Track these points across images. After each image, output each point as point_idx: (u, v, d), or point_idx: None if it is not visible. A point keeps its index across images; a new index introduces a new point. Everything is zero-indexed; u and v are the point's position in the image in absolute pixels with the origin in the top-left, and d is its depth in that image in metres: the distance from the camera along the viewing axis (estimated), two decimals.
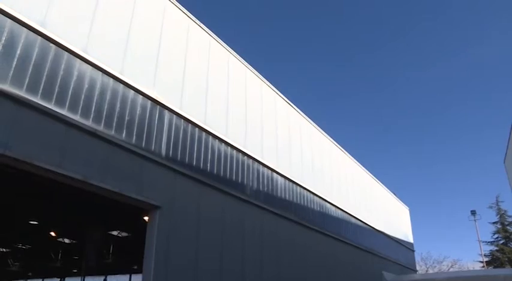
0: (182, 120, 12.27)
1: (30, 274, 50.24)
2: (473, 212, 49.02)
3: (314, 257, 17.83)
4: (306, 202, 18.55)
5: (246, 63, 16.21)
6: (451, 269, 51.64)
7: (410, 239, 35.87)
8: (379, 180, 30.18)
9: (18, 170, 9.07)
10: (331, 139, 23.08)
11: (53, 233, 24.17)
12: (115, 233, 22.51)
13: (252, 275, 13.60)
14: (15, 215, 19.71)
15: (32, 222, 20.77)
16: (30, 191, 14.97)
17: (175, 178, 11.49)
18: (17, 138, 8.09)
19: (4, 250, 32.73)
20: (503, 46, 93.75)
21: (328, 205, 20.71)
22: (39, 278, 53.11)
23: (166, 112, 11.77)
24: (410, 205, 42.11)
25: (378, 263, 25.98)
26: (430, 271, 51.59)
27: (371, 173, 28.84)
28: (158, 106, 11.53)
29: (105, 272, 43.45)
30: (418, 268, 39.55)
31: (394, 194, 33.52)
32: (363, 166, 27.57)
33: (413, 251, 36.29)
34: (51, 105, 8.78)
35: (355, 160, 26.26)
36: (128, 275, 42.26)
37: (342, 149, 24.41)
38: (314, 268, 17.65)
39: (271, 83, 17.69)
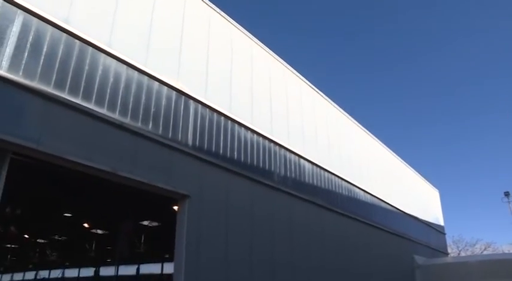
0: (207, 109, 12.35)
1: (67, 263, 51.68)
2: (506, 194, 47.89)
3: (344, 243, 17.80)
4: (334, 187, 18.50)
5: (270, 51, 16.15)
6: (485, 253, 50.86)
7: (441, 222, 35.42)
8: (407, 163, 29.82)
9: (50, 164, 9.32)
10: (357, 123, 22.87)
11: (86, 225, 24.75)
12: (146, 223, 22.87)
13: (283, 261, 13.68)
14: (50, 208, 20.23)
15: (66, 214, 21.28)
16: (62, 184, 15.33)
17: (203, 167, 11.60)
18: (47, 133, 8.30)
19: (42, 241, 33.76)
20: None
21: (357, 189, 20.59)
22: (75, 267, 54.53)
23: (191, 102, 11.86)
24: (441, 187, 41.57)
25: (409, 247, 25.77)
26: (463, 254, 50.92)
27: (399, 156, 28.52)
28: (183, 96, 11.62)
29: (138, 261, 44.33)
30: (449, 251, 39.10)
31: (423, 177, 33.09)
32: (391, 149, 27.26)
33: (444, 234, 35.85)
34: (78, 100, 8.96)
35: (382, 144, 25.98)
36: (159, 264, 42.96)
37: (369, 133, 24.16)
38: (344, 253, 17.62)
39: (295, 69, 17.60)
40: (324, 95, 19.60)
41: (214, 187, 11.81)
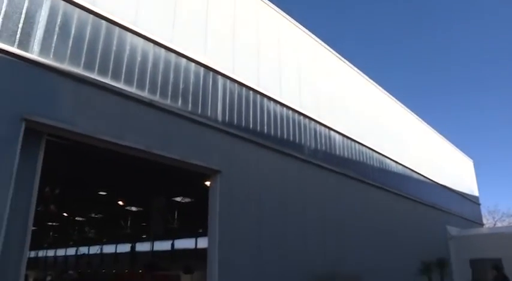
0: (236, 84, 12.34)
1: (104, 240, 53.26)
2: None
3: (375, 214, 17.74)
4: (365, 158, 18.36)
5: (297, 23, 15.91)
6: None
7: (475, 193, 34.78)
8: (440, 133, 29.25)
9: (84, 145, 9.54)
10: (389, 94, 22.46)
11: (121, 202, 25.35)
12: (178, 199, 23.25)
13: (314, 234, 13.76)
14: (85, 187, 20.77)
15: (101, 193, 21.83)
16: (96, 163, 15.68)
17: (233, 142, 11.67)
18: (80, 114, 8.48)
19: (80, 219, 34.84)
20: None
21: (388, 160, 20.39)
22: (112, 243, 56.16)
23: (219, 77, 11.87)
24: (475, 156, 40.68)
25: (442, 217, 25.47)
26: (499, 225, 50.00)
27: (432, 126, 27.96)
28: (211, 72, 11.63)
29: (172, 237, 45.29)
30: (484, 221, 38.41)
31: (457, 147, 32.44)
32: (423, 120, 26.73)
33: (478, 204, 35.24)
34: (107, 80, 9.09)
35: (414, 114, 25.49)
36: (193, 239, 43.78)
37: (400, 103, 23.72)
38: (375, 224, 17.57)
39: (322, 41, 17.32)
40: (352, 65, 19.28)
41: (245, 161, 11.89)
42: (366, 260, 15.71)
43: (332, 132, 16.32)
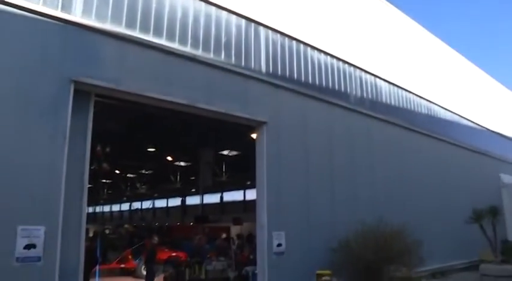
0: (278, 34, 12.09)
1: (156, 195, 55.23)
2: None
3: (424, 162, 17.36)
4: (412, 105, 17.86)
5: None
6: None
7: None
8: (493, 77, 27.85)
9: (130, 102, 9.69)
10: (438, 38, 21.46)
11: (169, 158, 25.98)
12: (225, 152, 23.58)
13: (362, 183, 13.69)
14: (135, 145, 21.33)
15: (150, 149, 22.36)
16: (143, 121, 15.99)
17: (278, 92, 11.57)
18: (124, 73, 8.58)
19: (132, 175, 36.10)
20: None
21: (436, 107, 19.73)
22: (163, 198, 58.18)
23: (261, 29, 11.64)
24: None
25: (494, 165, 24.61)
26: None
27: (483, 70, 26.63)
28: (252, 23, 11.41)
29: (221, 190, 46.34)
30: None
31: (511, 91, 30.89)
32: (474, 63, 25.47)
33: None
34: (149, 37, 9.09)
35: (465, 58, 24.30)
36: (242, 191, 44.65)
37: (449, 46, 22.65)
38: (424, 172, 17.25)
39: None
40: (398, 10, 18.44)
41: (290, 112, 11.81)
42: (414, 210, 15.55)
43: (378, 80, 15.88)
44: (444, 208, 17.71)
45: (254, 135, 11.48)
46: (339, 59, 13.98)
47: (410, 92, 17.70)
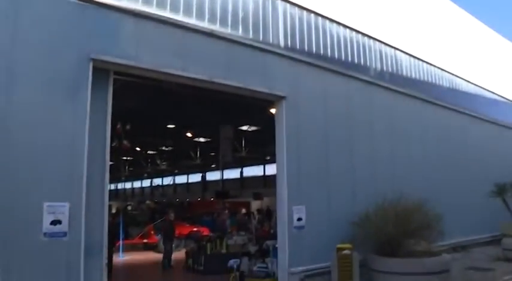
0: (296, 8, 11.90)
1: (176, 171, 55.94)
2: None
3: (445, 135, 17.12)
4: (433, 78, 17.54)
5: None
6: None
7: None
8: None
9: (149, 79, 9.72)
10: (460, 7, 20.86)
11: (189, 134, 26.17)
12: (245, 128, 23.64)
13: (382, 158, 13.60)
14: (155, 122, 21.52)
15: (169, 126, 22.52)
16: (162, 98, 16.07)
17: (297, 67, 11.46)
18: (142, 49, 8.56)
19: (152, 152, 36.52)
20: None
21: (459, 80, 19.33)
22: (184, 174, 58.94)
23: (279, 2, 11.46)
24: None
25: None
26: None
27: (508, 39, 25.83)
28: None
29: (241, 165, 46.72)
30: None
31: None
32: (498, 33, 24.71)
33: None
34: (166, 14, 9.03)
35: (487, 27, 23.59)
36: (261, 166, 44.96)
37: (471, 15, 22.02)
38: (446, 146, 17.03)
39: None
40: None
41: (310, 86, 11.71)
42: (435, 184, 15.42)
43: (398, 53, 15.60)
44: (466, 182, 17.52)
45: (273, 110, 11.45)
46: (358, 32, 13.75)
47: (431, 64, 17.37)
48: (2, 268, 6.53)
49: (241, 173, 49.89)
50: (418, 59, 16.62)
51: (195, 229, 21.55)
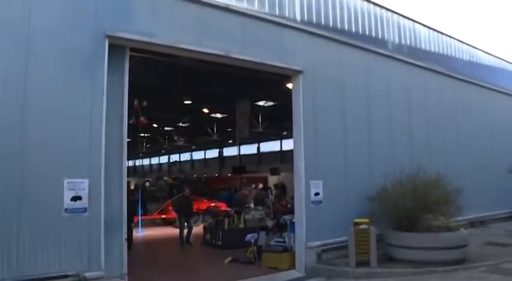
0: None
1: (193, 147, 56.28)
2: None
3: (464, 109, 16.77)
4: (453, 52, 17.15)
5: None
6: None
7: None
8: None
9: (165, 56, 9.70)
10: None
11: (206, 110, 26.20)
12: (262, 103, 23.57)
13: (400, 132, 13.45)
14: (171, 98, 21.56)
15: (186, 102, 22.55)
16: (179, 73, 16.06)
17: (313, 41, 11.31)
18: (158, 25, 8.52)
19: (169, 128, 36.72)
20: None
21: (480, 52, 18.88)
22: (201, 150, 59.29)
23: None
24: None
25: None
26: None
27: None
28: None
29: (258, 140, 46.77)
30: None
31: None
32: None
33: None
34: None
35: None
36: (278, 142, 44.96)
37: None
38: (465, 120, 16.72)
39: None
40: None
41: (326, 60, 11.57)
42: (454, 159, 15.27)
43: (417, 25, 15.28)
44: (485, 157, 17.26)
45: (290, 85, 11.38)
46: (375, 4, 13.48)
47: (451, 37, 16.99)
48: (28, 243, 6.74)
49: (258, 148, 50.01)
50: (438, 31, 16.27)
51: (212, 204, 21.76)
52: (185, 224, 15.36)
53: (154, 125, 32.43)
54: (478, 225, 15.64)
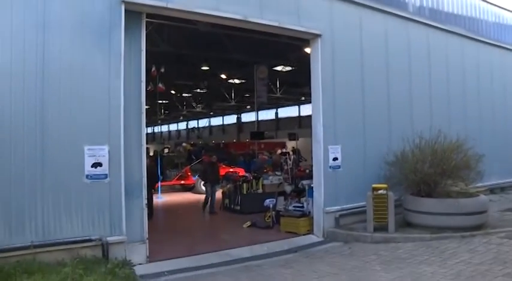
0: None
1: (211, 113, 56.41)
2: None
3: (487, 74, 16.31)
4: (477, 13, 16.55)
5: None
6: None
7: None
8: None
9: (182, 21, 9.61)
10: None
11: (223, 76, 26.06)
12: (279, 68, 23.34)
13: (420, 97, 13.20)
14: (188, 64, 21.49)
15: (203, 68, 22.48)
16: (196, 39, 15.96)
17: (332, 3, 11.04)
18: None
19: (187, 95, 36.72)
20: None
21: (506, 13, 18.18)
22: (219, 116, 59.41)
23: None
24: None
25: None
26: None
27: None
28: None
29: (276, 106, 46.62)
30: None
31: None
32: None
33: None
34: None
35: None
36: (296, 107, 44.76)
37: None
38: (488, 86, 16.25)
39: None
40: None
41: (345, 23, 11.29)
42: (475, 124, 14.94)
43: None
44: (508, 123, 16.97)
45: (308, 50, 11.20)
46: None
47: None
48: (52, 210, 6.94)
49: (276, 114, 49.90)
50: None
51: (231, 170, 21.91)
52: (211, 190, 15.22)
53: (172, 92, 32.49)
54: (498, 191, 15.51)
